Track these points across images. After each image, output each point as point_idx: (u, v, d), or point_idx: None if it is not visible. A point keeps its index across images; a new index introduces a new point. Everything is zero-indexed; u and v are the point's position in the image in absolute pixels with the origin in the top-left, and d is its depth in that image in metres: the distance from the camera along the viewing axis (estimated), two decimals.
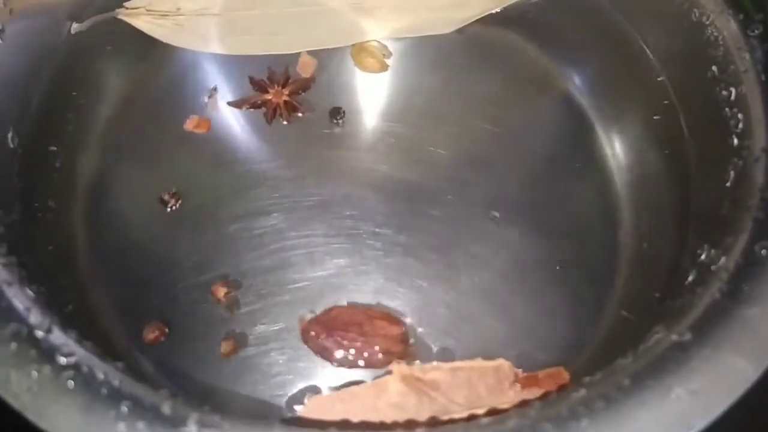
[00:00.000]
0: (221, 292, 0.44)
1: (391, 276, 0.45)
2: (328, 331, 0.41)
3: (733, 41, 0.44)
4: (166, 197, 0.47)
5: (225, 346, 0.43)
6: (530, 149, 0.50)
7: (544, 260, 0.46)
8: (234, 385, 0.42)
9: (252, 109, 0.50)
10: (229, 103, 0.50)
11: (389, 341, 0.41)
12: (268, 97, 0.50)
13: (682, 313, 0.36)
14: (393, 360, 0.41)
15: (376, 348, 0.41)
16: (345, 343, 0.41)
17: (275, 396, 0.42)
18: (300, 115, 0.50)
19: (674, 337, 0.34)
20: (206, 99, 0.50)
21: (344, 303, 0.44)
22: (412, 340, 0.43)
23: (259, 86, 0.50)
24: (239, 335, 0.44)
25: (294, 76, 0.51)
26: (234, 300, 0.44)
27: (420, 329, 0.44)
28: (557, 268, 0.46)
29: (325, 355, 0.42)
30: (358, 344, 0.41)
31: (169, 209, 0.47)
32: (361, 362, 0.42)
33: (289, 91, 0.50)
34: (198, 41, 0.50)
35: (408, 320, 0.44)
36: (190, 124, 0.49)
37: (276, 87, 0.50)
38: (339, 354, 0.42)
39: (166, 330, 0.44)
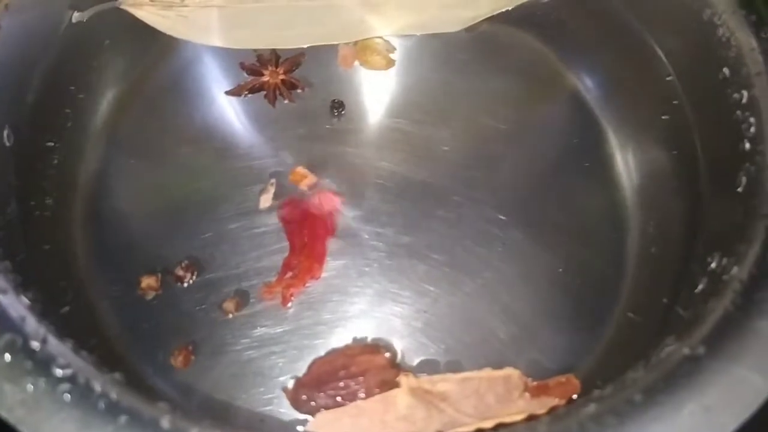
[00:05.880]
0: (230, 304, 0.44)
1: (394, 278, 0.45)
2: (317, 389, 0.40)
3: (745, 43, 0.42)
4: (179, 272, 0.44)
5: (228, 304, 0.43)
6: (537, 149, 0.49)
7: (548, 262, 0.46)
8: (234, 389, 0.42)
9: (251, 95, 0.49)
10: (227, 92, 0.49)
11: (379, 371, 0.40)
12: (265, 78, 0.49)
13: (694, 325, 0.35)
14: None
15: (371, 383, 0.39)
16: (340, 392, 0.39)
17: (276, 399, 0.41)
18: (299, 91, 0.49)
19: (686, 350, 0.34)
20: (270, 184, 0.47)
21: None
22: (399, 358, 0.42)
23: (252, 71, 0.50)
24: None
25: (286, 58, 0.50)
26: (236, 302, 0.44)
27: (425, 333, 0.43)
28: (560, 270, 0.45)
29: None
30: (353, 387, 0.39)
31: (185, 284, 0.44)
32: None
33: (284, 70, 0.50)
34: (202, 34, 0.49)
35: (409, 325, 0.43)
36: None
37: (270, 68, 0.50)
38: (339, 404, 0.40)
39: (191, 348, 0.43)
